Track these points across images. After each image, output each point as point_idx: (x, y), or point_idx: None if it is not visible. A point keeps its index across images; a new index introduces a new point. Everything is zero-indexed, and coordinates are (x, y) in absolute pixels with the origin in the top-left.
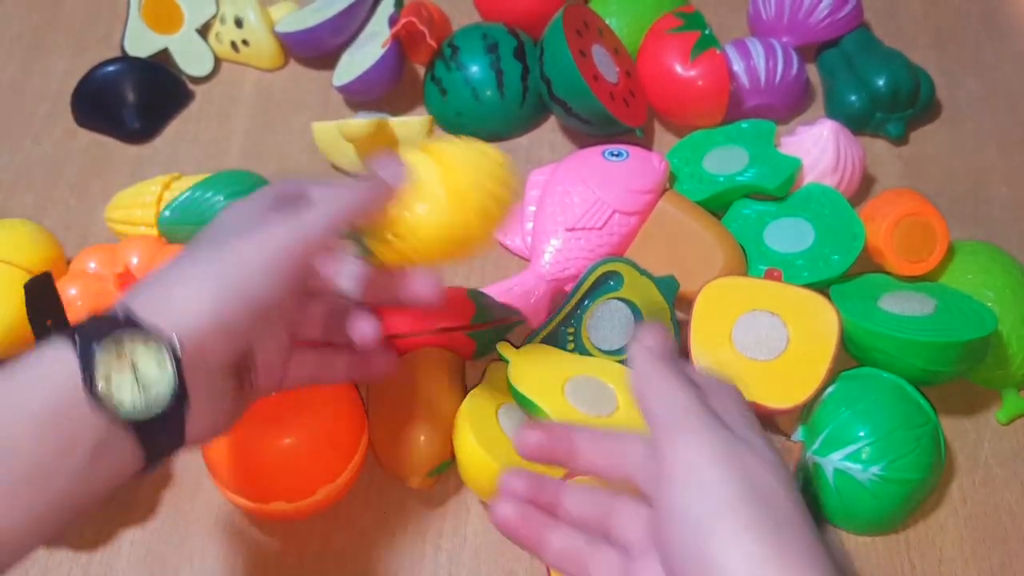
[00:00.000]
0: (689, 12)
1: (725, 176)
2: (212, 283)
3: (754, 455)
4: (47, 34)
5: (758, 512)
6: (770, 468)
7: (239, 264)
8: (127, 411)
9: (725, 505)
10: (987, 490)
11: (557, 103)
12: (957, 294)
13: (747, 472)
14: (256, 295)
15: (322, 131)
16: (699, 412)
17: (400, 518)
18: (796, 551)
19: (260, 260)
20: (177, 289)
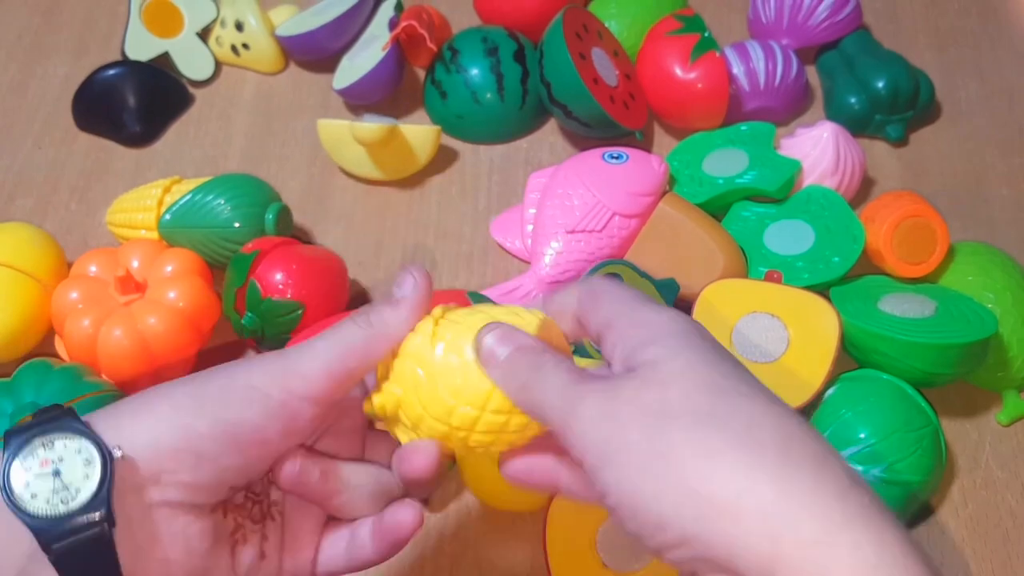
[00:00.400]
0: (689, 15)
1: (725, 178)
2: (181, 400)
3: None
4: (47, 38)
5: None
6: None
7: (223, 388)
8: (38, 520)
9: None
10: (988, 492)
11: (557, 106)
12: (957, 296)
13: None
14: (231, 419)
15: (329, 129)
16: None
17: None
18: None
19: (241, 389)
20: (142, 404)
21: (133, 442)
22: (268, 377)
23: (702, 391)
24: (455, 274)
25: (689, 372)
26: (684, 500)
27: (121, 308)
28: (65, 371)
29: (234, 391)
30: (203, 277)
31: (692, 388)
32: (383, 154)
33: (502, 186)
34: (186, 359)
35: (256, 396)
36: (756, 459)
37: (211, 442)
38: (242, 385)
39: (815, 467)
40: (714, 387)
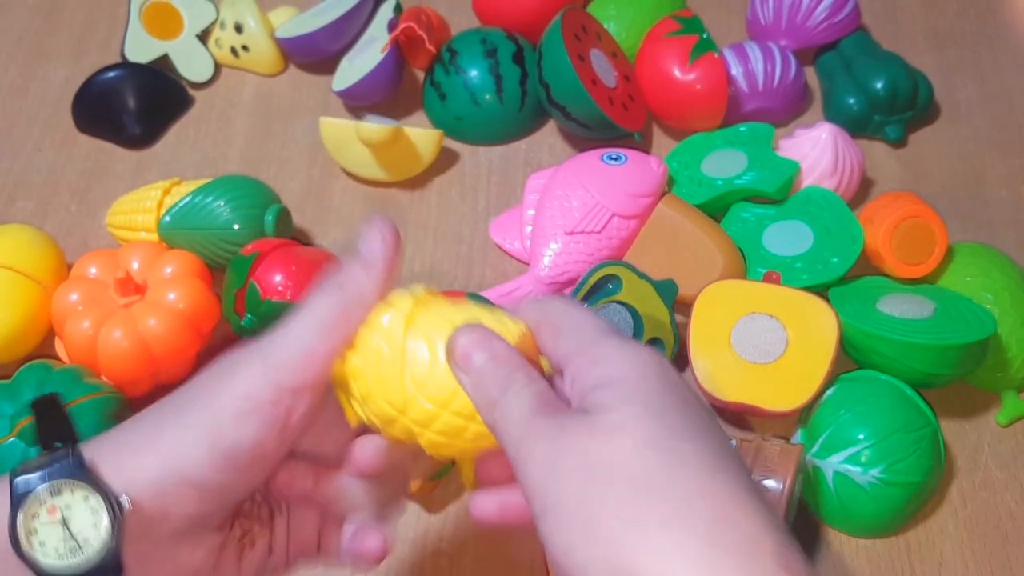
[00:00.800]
0: (687, 16)
1: (724, 179)
2: (177, 431)
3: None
4: (48, 40)
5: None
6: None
7: (218, 411)
8: (48, 572)
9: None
10: (987, 492)
11: (556, 107)
12: (956, 297)
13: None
14: (228, 443)
15: (331, 128)
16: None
17: (401, 523)
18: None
19: (231, 405)
20: (139, 437)
21: (136, 482)
22: (253, 381)
23: (645, 450)
24: (454, 275)
25: (637, 425)
26: (606, 571)
27: (121, 310)
28: (65, 372)
29: (225, 410)
30: (203, 279)
31: (636, 445)
32: (386, 155)
33: (501, 187)
34: (186, 360)
35: (247, 408)
36: (684, 538)
37: (213, 471)
38: (230, 399)
39: (743, 554)
40: (658, 447)
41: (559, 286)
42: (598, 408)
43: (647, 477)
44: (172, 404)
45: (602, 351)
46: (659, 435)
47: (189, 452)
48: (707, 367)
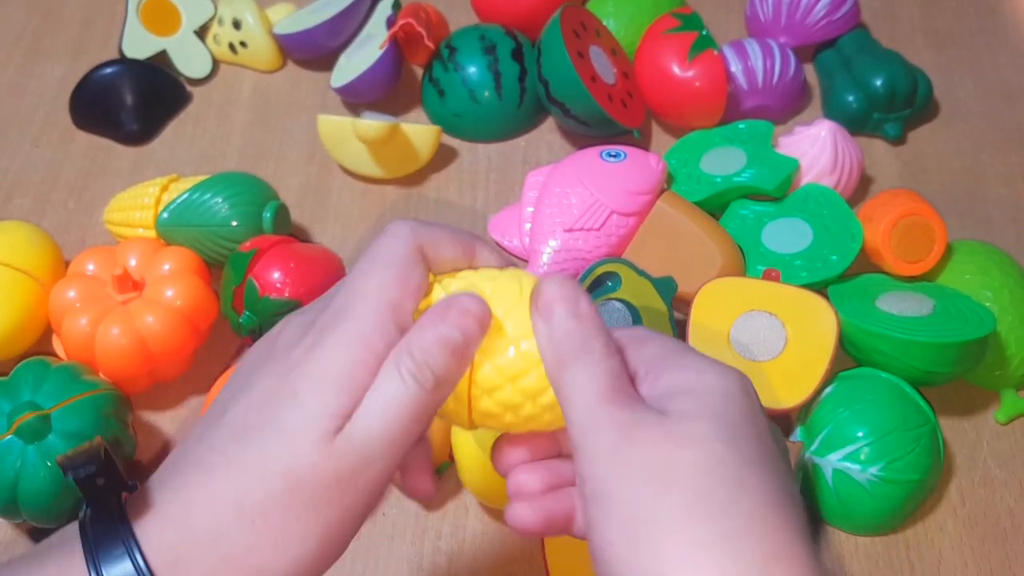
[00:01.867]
0: (686, 13)
1: (723, 177)
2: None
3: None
4: (45, 37)
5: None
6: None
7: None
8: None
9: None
10: (986, 490)
11: (555, 104)
12: (955, 294)
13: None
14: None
15: (329, 125)
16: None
17: (399, 519)
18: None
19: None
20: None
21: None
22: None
23: (715, 468)
24: None
25: (713, 442)
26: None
27: (119, 307)
28: (63, 370)
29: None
30: (201, 276)
31: (707, 461)
32: (384, 152)
33: (500, 184)
34: (184, 358)
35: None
36: (731, 565)
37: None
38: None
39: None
40: (727, 468)
41: None
42: (677, 414)
43: (709, 495)
44: (211, 469)
45: (691, 360)
46: (731, 458)
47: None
48: None
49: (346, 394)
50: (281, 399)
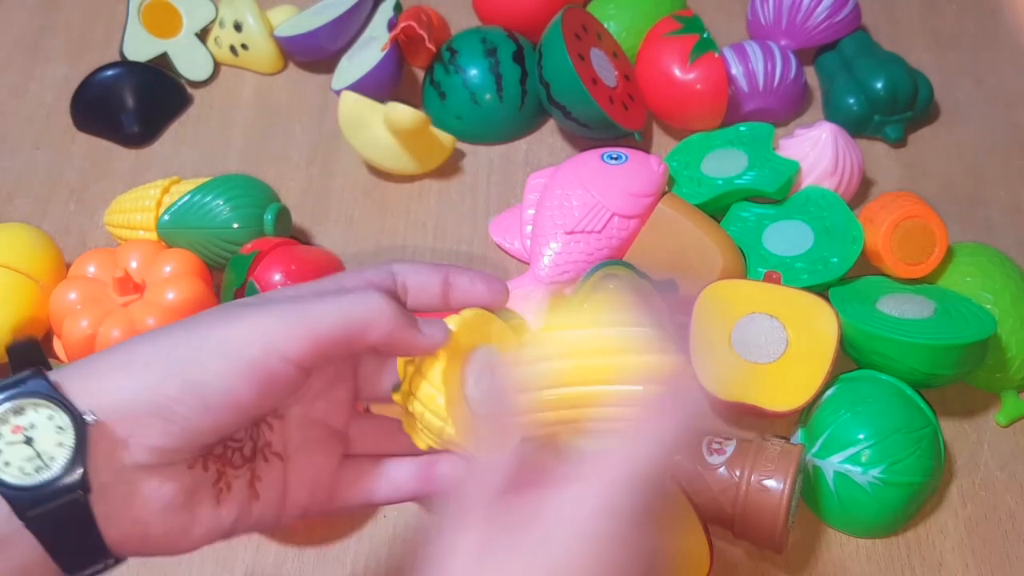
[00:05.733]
0: (687, 16)
1: (724, 179)
2: (150, 361)
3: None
4: (46, 39)
5: None
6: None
7: (196, 348)
8: (12, 490)
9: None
10: (987, 492)
11: (556, 107)
12: (956, 297)
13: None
14: (201, 383)
15: (352, 105)
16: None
17: (400, 522)
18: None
19: (217, 347)
20: (113, 362)
21: (102, 404)
22: (250, 333)
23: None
24: None
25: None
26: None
27: (119, 309)
28: None
29: (207, 349)
30: (202, 278)
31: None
32: (406, 143)
33: (501, 187)
34: None
35: (230, 353)
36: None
37: (180, 405)
38: (217, 341)
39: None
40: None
41: (559, 286)
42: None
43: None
44: (160, 334)
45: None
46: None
47: (157, 382)
48: (707, 367)
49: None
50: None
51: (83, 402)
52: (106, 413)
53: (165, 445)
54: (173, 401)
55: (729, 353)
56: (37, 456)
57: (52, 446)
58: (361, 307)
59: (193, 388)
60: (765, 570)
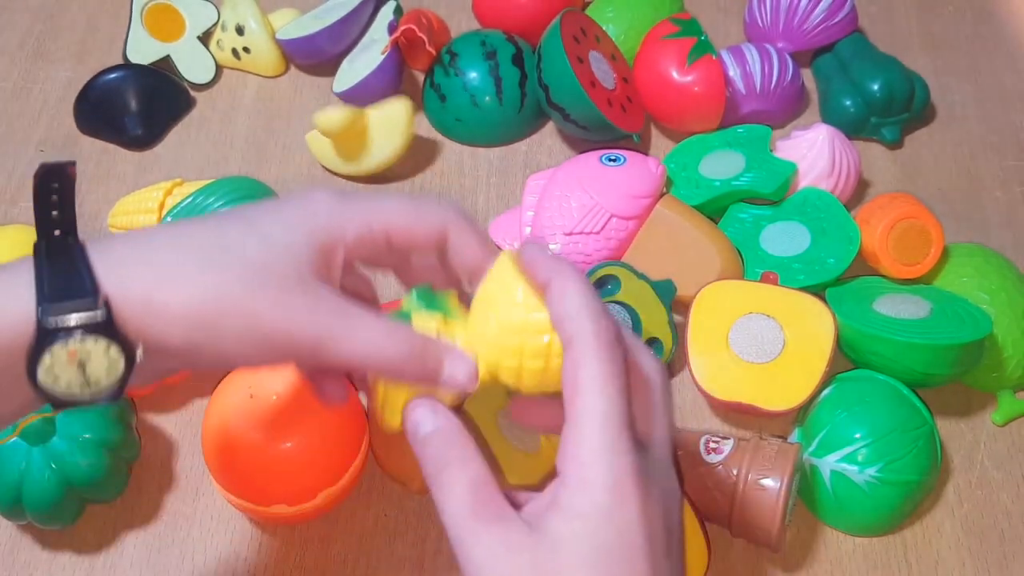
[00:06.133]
0: (685, 19)
1: (721, 181)
2: (215, 269)
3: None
4: (50, 42)
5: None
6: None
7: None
8: (59, 400)
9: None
10: (983, 491)
11: (555, 109)
12: (952, 297)
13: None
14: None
15: (313, 139)
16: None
17: (400, 521)
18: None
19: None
20: (174, 268)
21: (154, 327)
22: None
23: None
24: None
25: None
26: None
27: None
28: None
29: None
30: None
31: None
32: (354, 143)
33: (501, 188)
34: None
35: (284, 245)
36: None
37: (213, 330)
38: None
39: None
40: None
41: None
42: (547, 539)
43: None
44: (210, 230)
45: (579, 464)
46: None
47: (199, 314)
48: (705, 366)
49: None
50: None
51: (134, 330)
52: (150, 333)
53: (214, 361)
54: (211, 322)
55: (727, 353)
56: (84, 378)
57: (101, 372)
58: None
59: (247, 316)
60: (762, 568)
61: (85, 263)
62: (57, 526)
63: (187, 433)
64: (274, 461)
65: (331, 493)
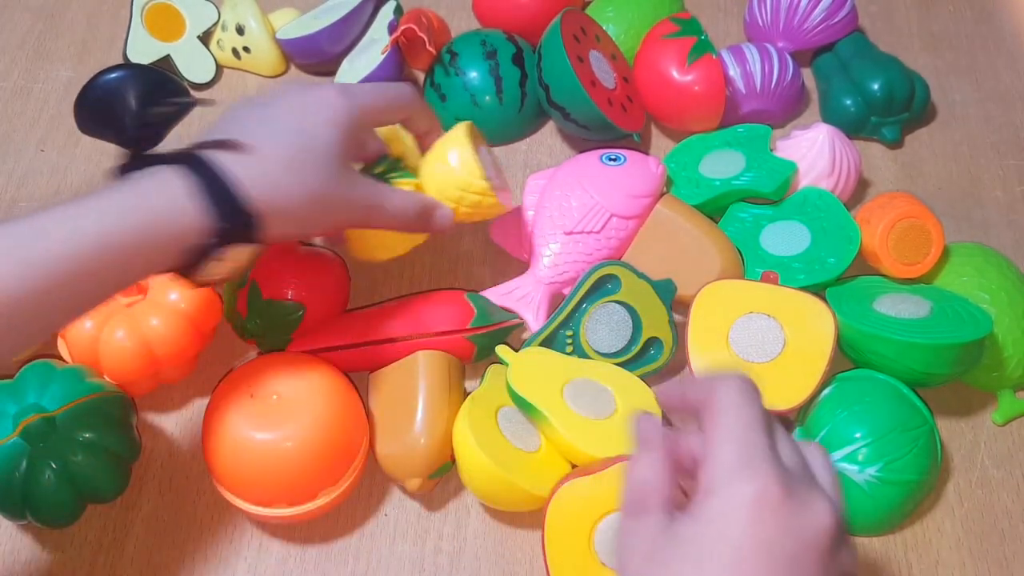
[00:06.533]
0: (685, 18)
1: (721, 180)
2: (309, 180)
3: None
4: (50, 42)
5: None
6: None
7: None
8: (200, 281)
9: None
10: (983, 491)
11: (555, 108)
12: (953, 296)
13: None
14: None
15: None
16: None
17: (400, 519)
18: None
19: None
20: (281, 179)
21: (275, 223)
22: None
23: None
24: (454, 276)
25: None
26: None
27: (123, 309)
28: (68, 372)
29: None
30: None
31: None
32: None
33: None
34: (188, 360)
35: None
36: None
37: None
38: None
39: None
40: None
41: (558, 285)
42: (689, 535)
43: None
44: (280, 143)
45: (717, 466)
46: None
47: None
48: (706, 366)
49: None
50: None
51: (268, 230)
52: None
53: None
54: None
55: (727, 352)
56: (227, 263)
57: (243, 258)
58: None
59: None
60: None
61: (232, 181)
62: (57, 526)
63: (188, 433)
64: (274, 461)
65: (331, 494)
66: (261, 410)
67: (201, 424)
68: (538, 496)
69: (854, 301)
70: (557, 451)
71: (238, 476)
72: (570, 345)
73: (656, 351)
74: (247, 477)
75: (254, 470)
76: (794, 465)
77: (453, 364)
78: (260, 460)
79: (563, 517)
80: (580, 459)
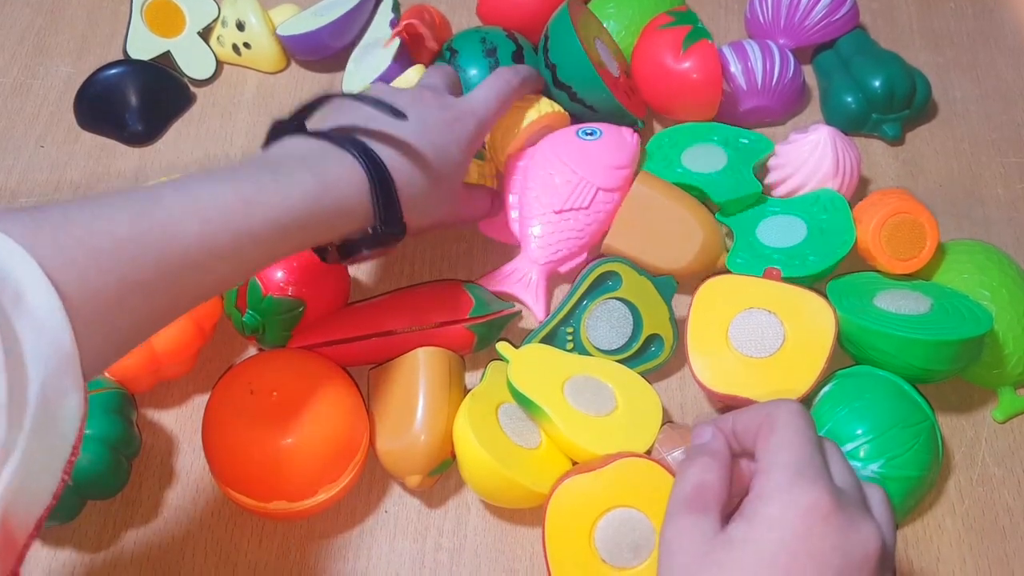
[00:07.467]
0: (681, 11)
1: (684, 168)
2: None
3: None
4: (50, 37)
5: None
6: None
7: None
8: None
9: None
10: (984, 488)
11: (561, 89)
12: (953, 293)
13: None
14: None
15: None
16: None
17: (401, 516)
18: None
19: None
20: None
21: (413, 218)
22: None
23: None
24: (454, 269)
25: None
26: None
27: None
28: None
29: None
30: None
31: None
32: None
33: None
34: (188, 357)
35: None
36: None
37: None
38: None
39: None
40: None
41: (553, 264)
42: (735, 540)
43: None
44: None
45: (769, 480)
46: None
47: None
48: (705, 361)
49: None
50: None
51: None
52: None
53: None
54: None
55: (727, 348)
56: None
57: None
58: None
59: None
60: None
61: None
62: (57, 522)
63: (187, 429)
64: (274, 457)
65: (331, 490)
66: (261, 406)
67: (201, 420)
68: (538, 493)
69: (855, 297)
70: (557, 448)
71: (238, 472)
72: (571, 342)
73: (657, 348)
74: (247, 473)
75: (254, 466)
76: (848, 487)
77: (453, 361)
78: (260, 456)
79: (564, 514)
80: (580, 456)
